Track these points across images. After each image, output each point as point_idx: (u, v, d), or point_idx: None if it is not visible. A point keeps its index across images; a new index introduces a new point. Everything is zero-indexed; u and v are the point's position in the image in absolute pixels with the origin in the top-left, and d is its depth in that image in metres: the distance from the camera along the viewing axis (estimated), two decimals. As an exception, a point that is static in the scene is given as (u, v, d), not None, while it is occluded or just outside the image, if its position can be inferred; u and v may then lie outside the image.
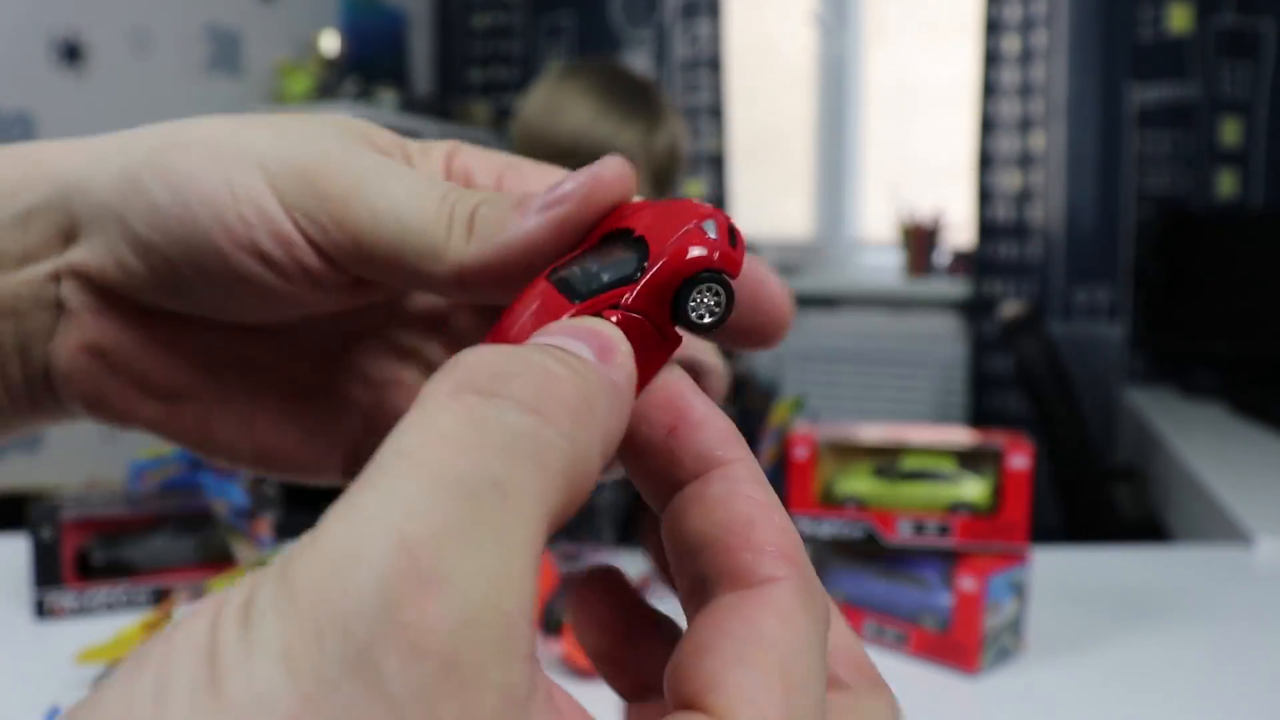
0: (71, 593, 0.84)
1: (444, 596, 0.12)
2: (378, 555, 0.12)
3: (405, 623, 0.12)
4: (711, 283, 0.20)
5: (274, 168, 0.21)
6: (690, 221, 0.20)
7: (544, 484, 0.14)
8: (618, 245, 0.20)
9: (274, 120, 0.23)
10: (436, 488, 0.13)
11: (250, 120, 0.23)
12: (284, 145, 0.21)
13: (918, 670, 0.77)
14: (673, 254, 0.19)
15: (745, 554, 0.17)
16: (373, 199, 0.21)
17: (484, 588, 0.12)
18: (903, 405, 2.64)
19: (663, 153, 1.17)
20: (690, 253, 0.19)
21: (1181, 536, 1.57)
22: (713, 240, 0.20)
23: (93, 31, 2.27)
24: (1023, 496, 0.77)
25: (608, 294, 0.19)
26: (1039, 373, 1.83)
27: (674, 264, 0.19)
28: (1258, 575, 1.01)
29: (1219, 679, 0.77)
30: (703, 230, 0.20)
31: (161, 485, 0.90)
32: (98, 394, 0.24)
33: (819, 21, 2.75)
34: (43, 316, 0.23)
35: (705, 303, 0.20)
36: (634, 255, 0.20)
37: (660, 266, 0.19)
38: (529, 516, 0.14)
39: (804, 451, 0.82)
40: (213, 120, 0.23)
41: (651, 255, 0.19)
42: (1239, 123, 2.30)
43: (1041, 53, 2.41)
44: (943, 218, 2.63)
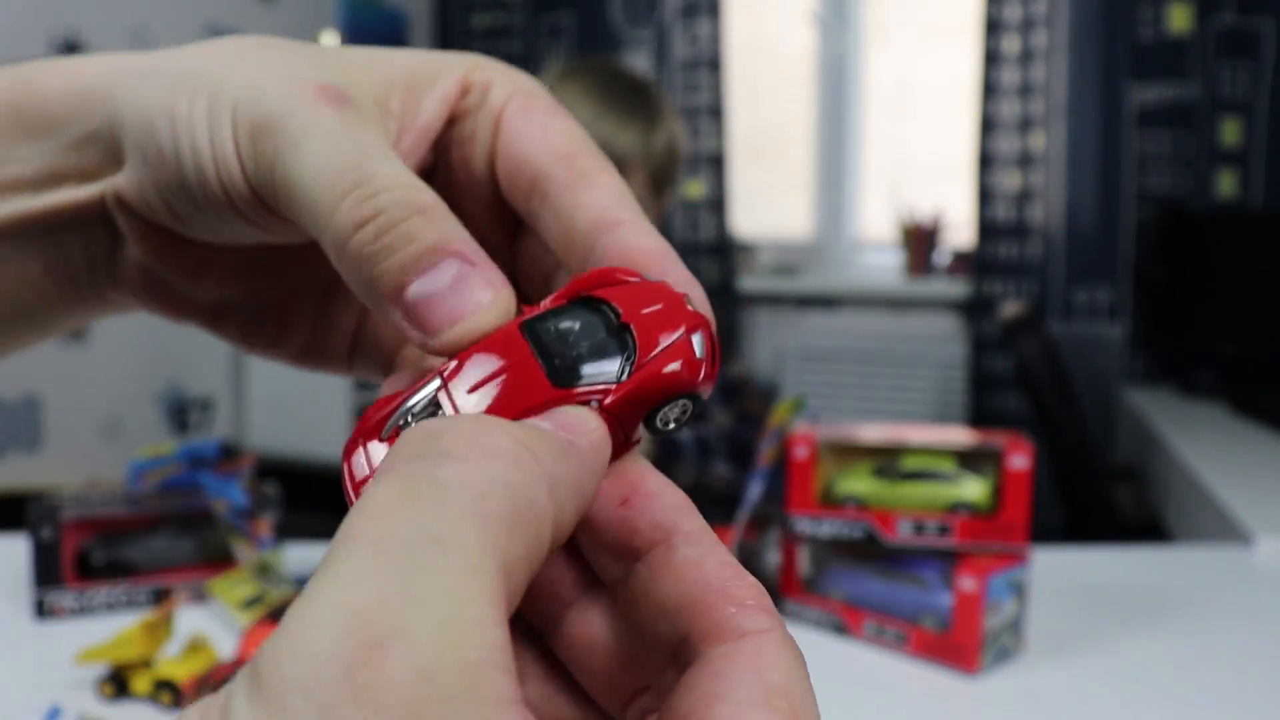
0: (71, 593, 0.84)
1: (397, 653, 0.12)
2: (328, 625, 0.13)
3: (363, 684, 0.12)
4: (685, 398, 0.20)
5: (239, 119, 0.22)
6: (679, 329, 0.20)
7: (486, 531, 0.14)
8: (600, 321, 0.20)
9: (269, 55, 0.23)
10: (376, 555, 0.13)
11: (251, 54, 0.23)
12: (261, 93, 0.22)
13: (918, 670, 0.77)
14: (660, 371, 0.20)
15: (729, 609, 0.18)
16: (291, 163, 0.21)
17: (438, 639, 0.13)
18: (903, 405, 2.64)
19: (661, 153, 1.17)
20: (677, 373, 0.20)
21: (1181, 536, 1.57)
22: (697, 360, 0.20)
23: (92, 31, 2.27)
24: (1022, 496, 0.77)
25: (589, 390, 0.19)
26: (1039, 373, 1.83)
27: (660, 382, 0.20)
28: (1258, 575, 1.01)
29: (1219, 679, 0.77)
30: (691, 346, 0.20)
31: (161, 485, 0.90)
32: (151, 297, 0.27)
33: (819, 21, 2.75)
34: (103, 232, 0.26)
35: (673, 414, 0.20)
36: (617, 348, 0.20)
37: (645, 380, 0.20)
38: (476, 565, 0.14)
39: (804, 451, 0.82)
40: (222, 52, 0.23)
41: (637, 360, 0.20)
42: (1239, 123, 2.30)
43: (1041, 53, 2.41)
44: (943, 218, 2.63)
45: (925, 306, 2.65)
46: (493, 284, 0.21)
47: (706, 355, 0.20)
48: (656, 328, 0.20)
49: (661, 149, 1.17)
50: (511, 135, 0.24)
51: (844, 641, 0.82)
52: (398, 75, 0.24)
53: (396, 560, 0.13)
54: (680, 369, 0.20)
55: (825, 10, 2.74)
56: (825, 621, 0.83)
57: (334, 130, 0.21)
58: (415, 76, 0.24)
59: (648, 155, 1.15)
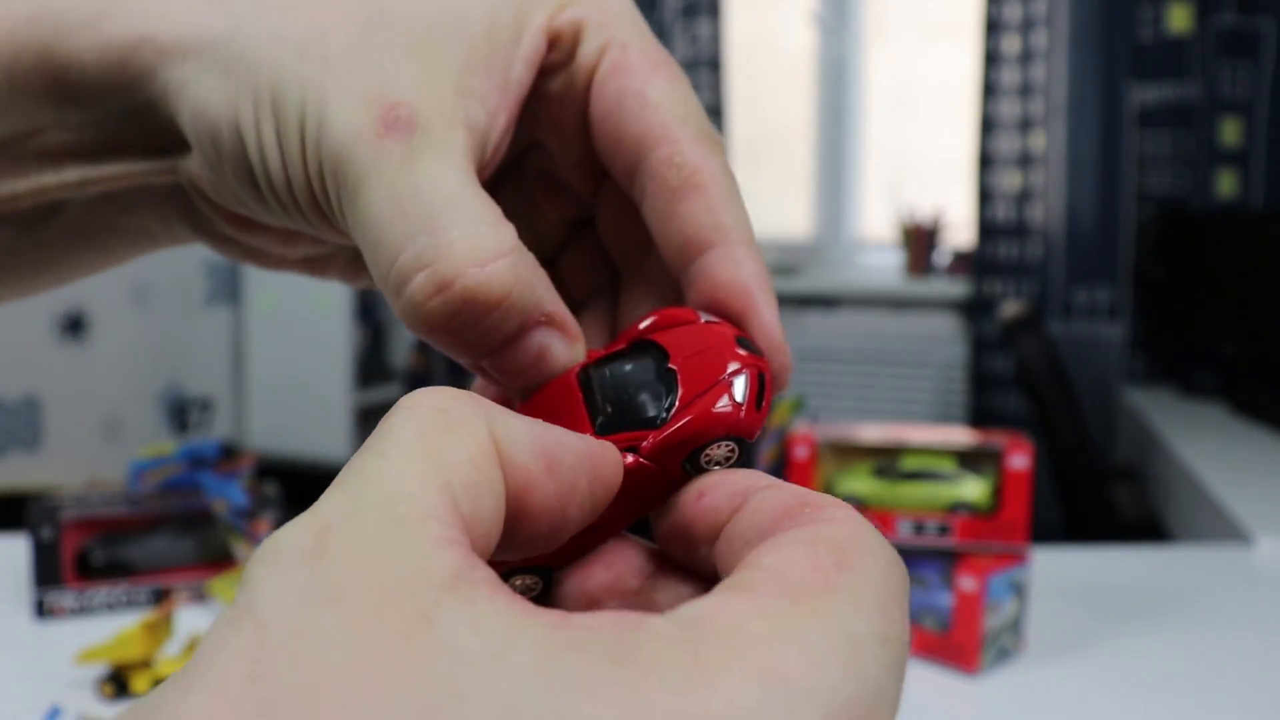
0: (71, 593, 0.84)
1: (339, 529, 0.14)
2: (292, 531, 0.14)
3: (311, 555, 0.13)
4: (728, 440, 0.20)
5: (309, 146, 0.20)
6: (723, 372, 0.20)
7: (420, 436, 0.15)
8: (651, 365, 0.21)
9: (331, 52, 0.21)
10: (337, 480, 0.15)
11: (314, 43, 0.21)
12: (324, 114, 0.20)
13: (918, 670, 0.78)
14: (696, 416, 0.19)
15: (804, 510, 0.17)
16: (350, 211, 0.20)
17: (372, 512, 0.14)
18: (902, 405, 2.64)
19: None
20: (713, 417, 0.20)
21: (1181, 536, 1.57)
22: (738, 404, 0.20)
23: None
24: (1022, 496, 0.77)
25: (627, 434, 0.20)
26: (1039, 373, 1.83)
27: (695, 427, 0.20)
28: (1258, 575, 1.01)
29: (1219, 679, 0.77)
30: (731, 389, 0.20)
31: (161, 485, 0.90)
32: (241, 256, 0.27)
33: (819, 21, 2.75)
34: (175, 202, 0.25)
35: (718, 455, 0.20)
36: (662, 390, 0.20)
37: (681, 427, 0.19)
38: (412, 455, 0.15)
39: (804, 451, 0.82)
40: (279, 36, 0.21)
41: (679, 405, 0.20)
42: (1239, 123, 2.30)
43: (1041, 53, 2.41)
44: (943, 218, 2.63)
45: (925, 306, 2.65)
46: (571, 343, 0.21)
47: (750, 398, 0.20)
48: (698, 371, 0.20)
49: None
50: (605, 108, 0.22)
51: (844, 641, 0.82)
52: (478, 37, 0.21)
53: (348, 474, 0.15)
54: (716, 412, 0.19)
55: (825, 10, 2.74)
56: (825, 621, 0.83)
57: (394, 174, 0.20)
58: (496, 32, 0.21)
59: None
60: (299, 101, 0.20)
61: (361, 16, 0.21)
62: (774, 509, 0.17)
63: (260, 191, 0.22)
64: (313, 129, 0.20)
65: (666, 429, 0.20)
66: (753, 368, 0.20)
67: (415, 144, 0.20)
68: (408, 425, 0.15)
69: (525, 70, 0.22)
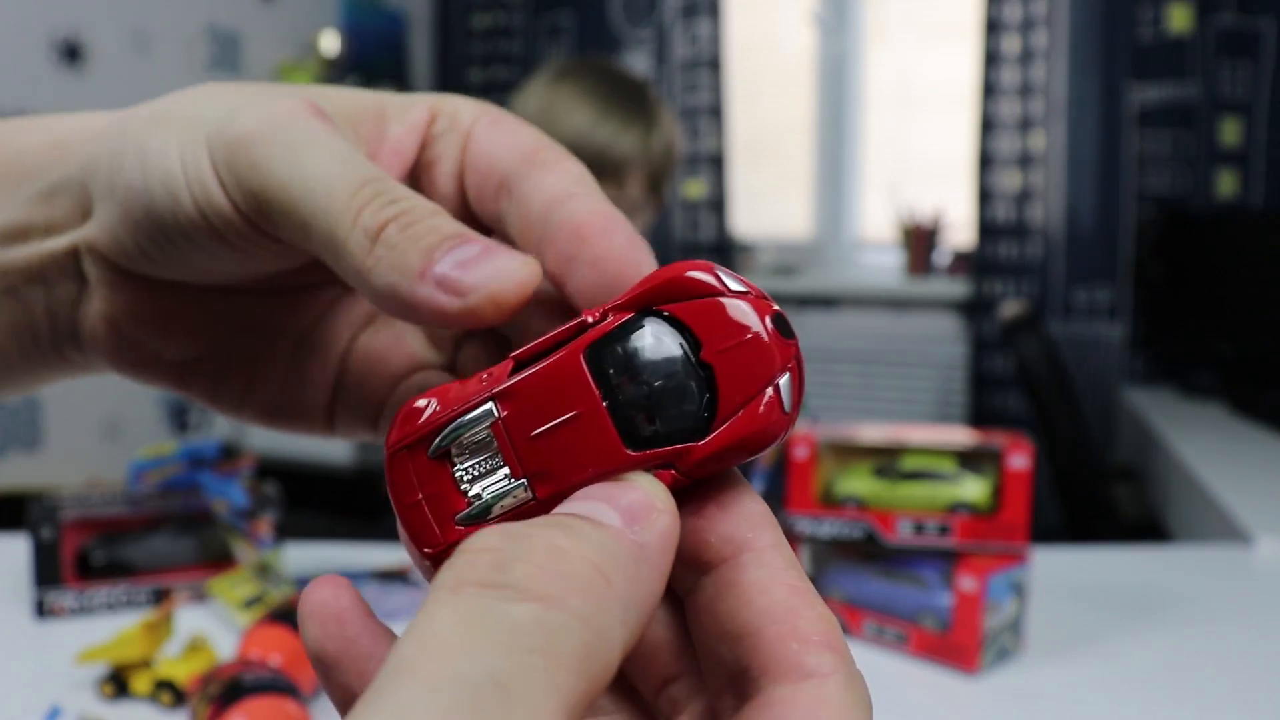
0: (71, 592, 0.84)
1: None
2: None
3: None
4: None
5: (214, 139, 0.22)
6: (767, 375, 0.18)
7: (554, 672, 0.14)
8: (677, 356, 0.18)
9: (244, 89, 0.23)
10: (437, 694, 0.13)
11: (221, 91, 0.23)
12: (236, 115, 0.22)
13: (918, 670, 0.78)
14: (748, 433, 0.18)
15: (793, 644, 0.17)
16: (288, 171, 0.21)
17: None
18: (903, 405, 2.64)
19: (659, 154, 1.17)
20: (764, 433, 0.18)
21: (1181, 536, 1.57)
22: (787, 415, 0.18)
23: (93, 31, 2.27)
24: (1022, 496, 0.77)
25: (666, 450, 0.18)
26: (1039, 373, 1.83)
27: (746, 445, 0.18)
28: (1257, 575, 1.01)
29: (1219, 679, 0.77)
30: (779, 398, 0.18)
31: (161, 485, 0.90)
32: (117, 356, 0.26)
33: (819, 21, 2.75)
34: (68, 285, 0.25)
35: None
36: (696, 396, 0.18)
37: (729, 441, 0.18)
38: (539, 708, 0.13)
39: (804, 451, 0.82)
40: (193, 94, 0.24)
41: (720, 413, 0.18)
42: (1239, 123, 2.30)
43: (1041, 53, 2.41)
44: (943, 218, 2.63)
45: (925, 306, 2.65)
46: (519, 256, 0.20)
47: (794, 400, 0.18)
48: (742, 373, 0.18)
49: (660, 150, 1.17)
50: (479, 146, 0.25)
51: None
52: (369, 106, 0.24)
53: (459, 701, 0.13)
54: (769, 428, 0.18)
55: (825, 10, 2.74)
56: (825, 621, 0.83)
57: (334, 139, 0.21)
58: (385, 107, 0.25)
59: (647, 157, 1.16)
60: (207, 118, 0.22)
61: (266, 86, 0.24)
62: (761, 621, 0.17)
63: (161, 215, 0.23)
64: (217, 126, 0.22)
65: (712, 445, 0.18)
66: (796, 363, 0.18)
67: (330, 125, 0.22)
68: (539, 648, 0.14)
69: (407, 130, 0.25)
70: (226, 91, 0.23)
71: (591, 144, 1.12)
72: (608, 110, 1.14)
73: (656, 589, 0.17)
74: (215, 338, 0.27)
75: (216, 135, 0.22)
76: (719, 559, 0.18)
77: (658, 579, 0.17)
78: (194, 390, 0.27)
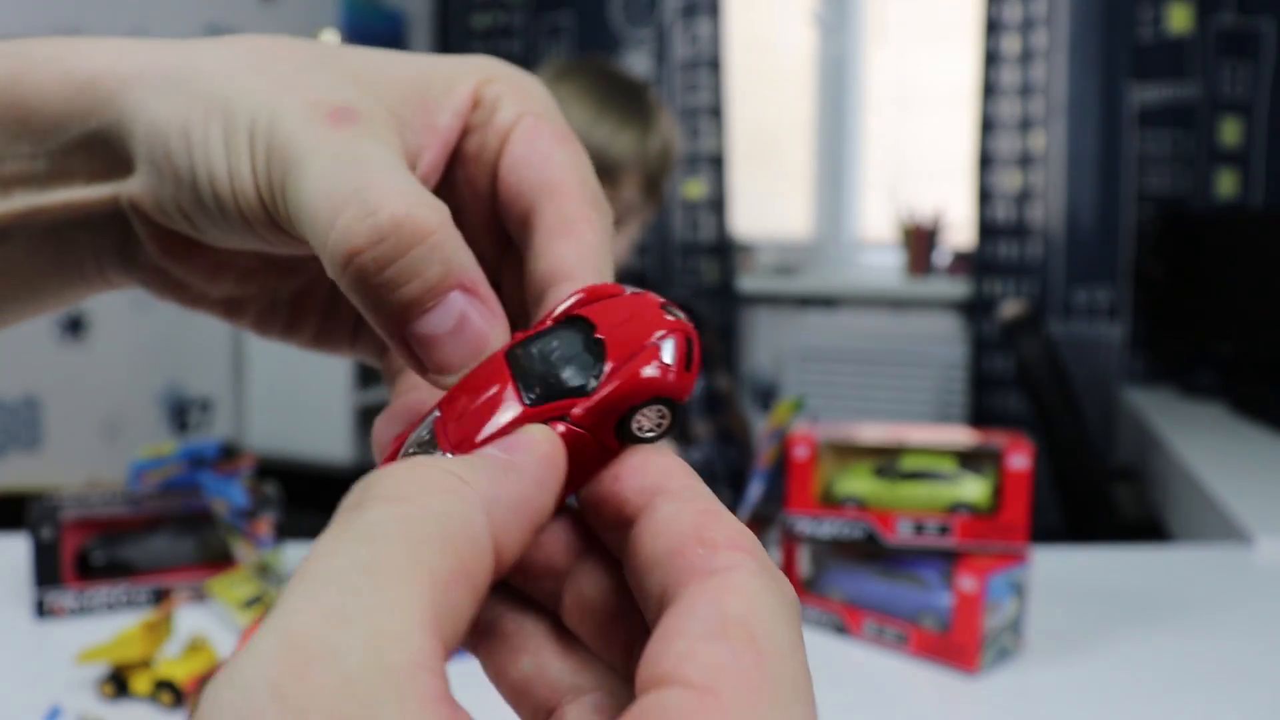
0: (71, 592, 0.84)
1: (321, 666, 0.13)
2: (262, 652, 0.13)
3: (287, 695, 0.13)
4: (658, 404, 0.20)
5: (258, 146, 0.22)
6: (649, 337, 0.20)
7: (416, 552, 0.15)
8: (579, 338, 0.21)
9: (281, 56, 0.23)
10: (312, 586, 0.14)
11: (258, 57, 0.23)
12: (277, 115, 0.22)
13: (918, 670, 0.78)
14: (625, 379, 0.20)
15: (699, 550, 0.18)
16: (293, 188, 0.21)
17: (361, 650, 0.13)
18: (903, 405, 2.64)
19: (656, 156, 1.17)
20: (643, 380, 0.20)
21: (1181, 536, 1.57)
22: (667, 365, 0.20)
23: (92, 31, 2.27)
24: (1023, 496, 0.77)
25: (557, 404, 0.20)
26: (1039, 373, 1.83)
27: (625, 389, 0.20)
28: (1258, 575, 1.01)
29: (1219, 679, 0.77)
30: (659, 352, 0.20)
31: (161, 485, 0.90)
32: (165, 292, 0.27)
33: (819, 21, 2.75)
34: (113, 230, 0.26)
35: (648, 421, 0.20)
36: (591, 360, 0.20)
37: (611, 390, 0.20)
38: (404, 579, 0.15)
39: (804, 451, 0.82)
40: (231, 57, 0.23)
41: (606, 371, 0.20)
42: (1239, 123, 2.30)
43: (1041, 53, 2.41)
44: (943, 218, 2.63)
45: (925, 306, 2.65)
46: (491, 318, 0.22)
47: (678, 360, 0.20)
48: (626, 338, 0.20)
49: (656, 152, 1.17)
50: (513, 160, 0.24)
51: (844, 642, 0.82)
52: (412, 84, 0.24)
53: (329, 588, 0.14)
54: (646, 375, 0.20)
55: (825, 10, 2.74)
56: (825, 621, 0.83)
57: (337, 150, 0.21)
58: (430, 85, 0.24)
59: (643, 159, 1.15)
60: (249, 108, 0.22)
61: (312, 54, 0.23)
62: (674, 536, 0.18)
63: (200, 195, 0.23)
64: (262, 127, 0.22)
65: (596, 394, 0.20)
66: (680, 332, 0.21)
67: (357, 130, 0.22)
68: (398, 533, 0.15)
69: (454, 119, 0.24)
70: (268, 69, 0.23)
71: (587, 144, 1.11)
72: (604, 111, 1.13)
73: (532, 494, 0.18)
74: (263, 282, 0.28)
75: (259, 140, 0.22)
76: (637, 510, 0.19)
77: (534, 489, 0.18)
78: (242, 322, 0.29)
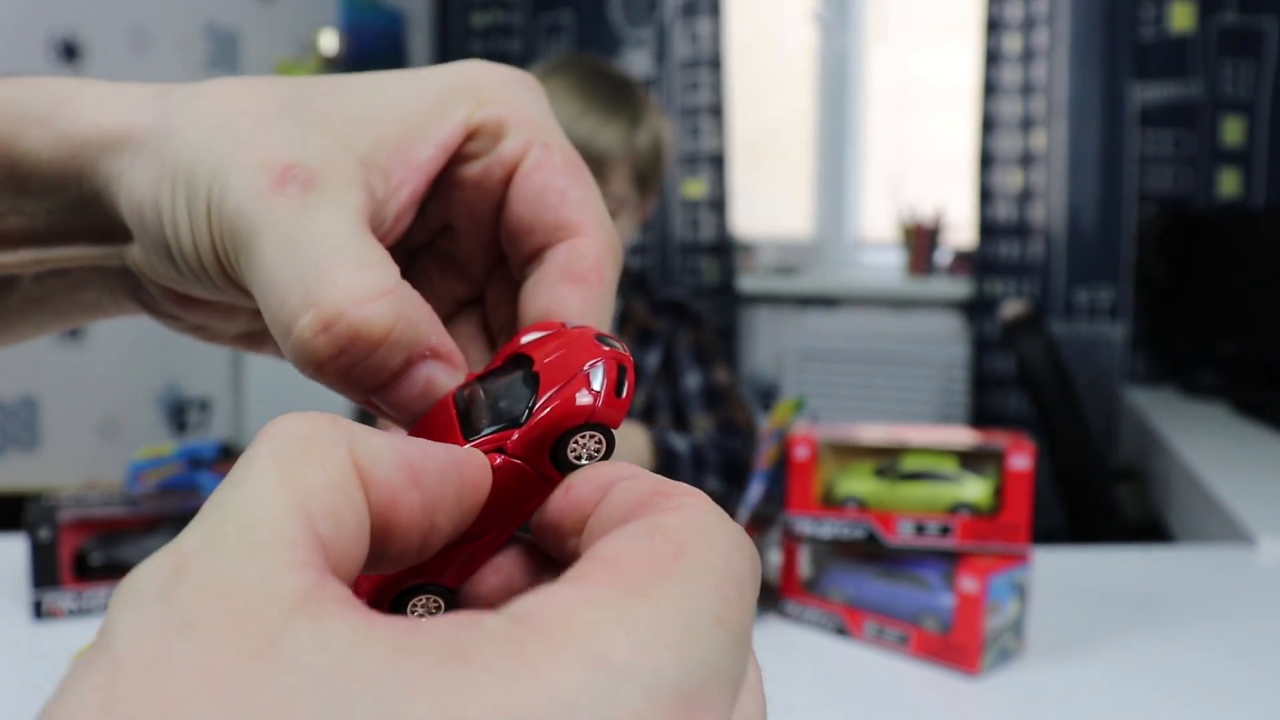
0: (69, 594, 0.84)
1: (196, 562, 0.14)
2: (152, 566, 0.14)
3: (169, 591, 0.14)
4: (590, 430, 0.21)
5: (215, 219, 0.22)
6: (580, 366, 0.21)
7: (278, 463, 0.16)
8: (518, 374, 0.22)
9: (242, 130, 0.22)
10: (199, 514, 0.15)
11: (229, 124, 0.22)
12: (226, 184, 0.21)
13: (919, 671, 0.77)
14: (554, 408, 0.20)
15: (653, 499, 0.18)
16: (246, 268, 0.21)
17: (229, 539, 0.14)
18: (903, 405, 2.63)
19: (646, 151, 1.16)
20: (572, 407, 0.20)
21: (1183, 537, 1.57)
22: (596, 392, 0.20)
23: (91, 30, 2.27)
24: (1024, 497, 0.77)
25: (494, 437, 0.20)
26: (1040, 373, 1.83)
27: (554, 417, 0.20)
28: (1260, 576, 1.01)
29: (1221, 680, 0.77)
30: (588, 380, 0.20)
31: (159, 485, 0.90)
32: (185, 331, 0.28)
33: (820, 20, 2.75)
34: (125, 280, 0.26)
35: (584, 448, 0.21)
36: (526, 393, 0.21)
37: (541, 419, 0.20)
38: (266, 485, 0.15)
39: (804, 452, 0.82)
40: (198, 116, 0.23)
41: (537, 403, 0.20)
42: (1241, 122, 2.29)
43: (1043, 51, 2.40)
44: (944, 217, 2.63)
45: (926, 306, 2.65)
46: (455, 372, 0.22)
47: (608, 387, 0.21)
48: (558, 369, 0.21)
49: (646, 146, 1.16)
50: (527, 196, 0.24)
51: (845, 643, 0.81)
52: (393, 121, 0.23)
53: (209, 506, 0.15)
54: (574, 402, 0.20)
55: (826, 9, 2.73)
56: (826, 622, 0.83)
57: (285, 228, 0.21)
58: (412, 119, 0.23)
59: (632, 153, 1.15)
60: (207, 175, 0.22)
61: (281, 101, 0.23)
62: (629, 500, 0.18)
63: (176, 264, 0.23)
64: (216, 196, 0.21)
65: (528, 423, 0.20)
66: (611, 359, 0.21)
67: (309, 199, 0.21)
68: (266, 453, 0.16)
69: (437, 150, 0.23)
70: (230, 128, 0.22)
71: (572, 138, 1.11)
72: (589, 105, 1.13)
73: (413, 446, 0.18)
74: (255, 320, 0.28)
75: (215, 211, 0.22)
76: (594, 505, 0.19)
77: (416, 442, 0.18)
78: (264, 352, 0.29)
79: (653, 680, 0.14)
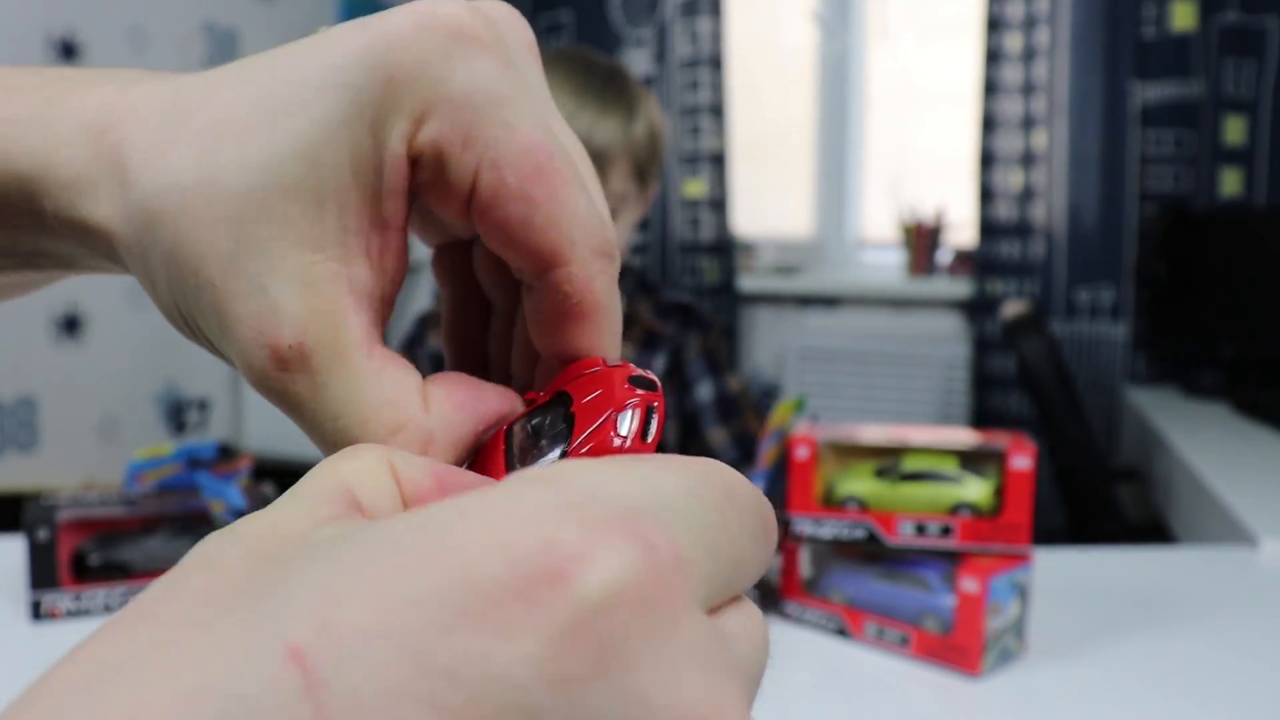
0: (68, 594, 0.84)
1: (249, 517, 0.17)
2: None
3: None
4: None
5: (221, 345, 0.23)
6: (608, 411, 0.21)
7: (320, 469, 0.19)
8: (561, 411, 0.22)
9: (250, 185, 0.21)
10: None
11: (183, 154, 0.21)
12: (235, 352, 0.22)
13: (920, 672, 0.77)
14: (581, 453, 0.21)
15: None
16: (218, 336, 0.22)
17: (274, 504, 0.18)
18: (904, 405, 2.63)
19: (643, 142, 1.14)
20: (600, 452, 0.21)
21: (1185, 538, 1.57)
22: (623, 437, 0.21)
23: (90, 30, 2.26)
24: (1025, 497, 0.77)
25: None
26: (1041, 373, 1.83)
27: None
28: (1262, 577, 1.01)
29: (1223, 681, 0.77)
30: (616, 425, 0.21)
31: (158, 486, 0.90)
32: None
33: (820, 19, 2.74)
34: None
35: None
36: (564, 433, 0.22)
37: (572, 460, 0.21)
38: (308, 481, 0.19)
39: (805, 452, 0.81)
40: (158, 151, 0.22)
41: (570, 445, 0.21)
42: (1242, 121, 2.29)
43: (1044, 51, 2.40)
44: (944, 217, 2.63)
45: (927, 306, 2.65)
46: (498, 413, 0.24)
47: (635, 432, 0.21)
48: (590, 411, 0.22)
49: (643, 137, 1.14)
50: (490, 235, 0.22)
51: (845, 643, 0.81)
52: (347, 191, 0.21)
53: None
54: (599, 448, 0.21)
55: (826, 8, 2.73)
56: (826, 623, 0.83)
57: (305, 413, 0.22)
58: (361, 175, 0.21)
59: (630, 145, 1.12)
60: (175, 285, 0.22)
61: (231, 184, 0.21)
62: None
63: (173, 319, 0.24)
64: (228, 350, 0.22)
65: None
66: (641, 402, 0.21)
67: (317, 379, 0.21)
68: (321, 465, 0.19)
69: (395, 201, 0.21)
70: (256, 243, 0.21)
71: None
72: (583, 98, 1.11)
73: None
74: None
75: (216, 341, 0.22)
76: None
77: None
78: None
79: (584, 490, 0.15)
